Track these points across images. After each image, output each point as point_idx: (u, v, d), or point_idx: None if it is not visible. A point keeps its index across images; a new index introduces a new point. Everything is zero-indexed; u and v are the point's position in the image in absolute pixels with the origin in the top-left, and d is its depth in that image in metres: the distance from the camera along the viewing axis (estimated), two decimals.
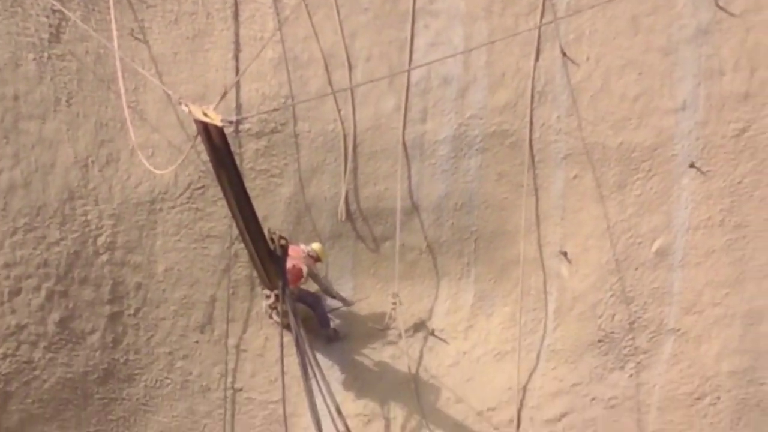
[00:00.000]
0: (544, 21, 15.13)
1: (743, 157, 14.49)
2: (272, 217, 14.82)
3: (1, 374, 14.24)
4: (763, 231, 14.41)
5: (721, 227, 14.50)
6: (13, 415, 14.25)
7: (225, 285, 14.73)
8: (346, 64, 15.12)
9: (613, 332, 14.50)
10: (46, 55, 14.75)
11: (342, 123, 15.06)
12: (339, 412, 13.70)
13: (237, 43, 15.31)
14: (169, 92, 14.23)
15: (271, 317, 14.52)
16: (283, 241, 13.68)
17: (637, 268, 14.61)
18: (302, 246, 14.57)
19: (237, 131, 15.02)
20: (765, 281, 14.35)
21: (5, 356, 14.14)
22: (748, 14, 14.97)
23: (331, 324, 14.75)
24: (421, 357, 15.02)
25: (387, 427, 14.64)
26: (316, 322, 14.63)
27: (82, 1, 14.88)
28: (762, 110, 14.69)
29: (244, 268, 14.73)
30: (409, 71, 15.17)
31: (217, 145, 13.07)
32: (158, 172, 14.58)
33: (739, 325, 14.35)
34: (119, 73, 14.61)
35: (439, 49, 15.17)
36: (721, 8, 14.91)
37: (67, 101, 14.70)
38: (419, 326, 15.03)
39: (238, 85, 15.11)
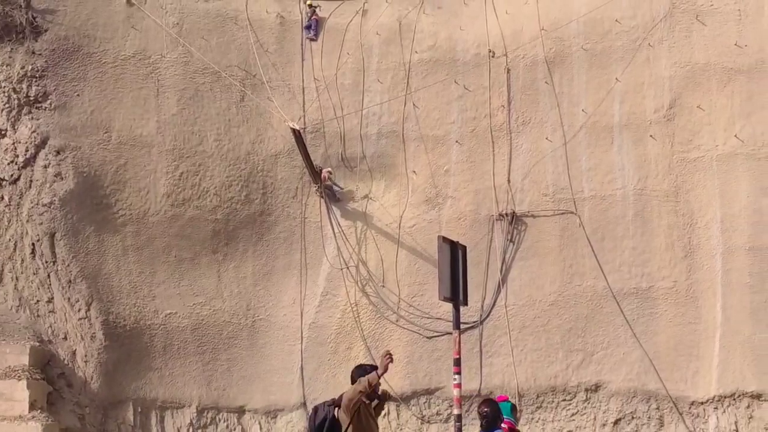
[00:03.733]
0: (405, 94, 26.13)
1: (473, 140, 26.12)
2: (316, 160, 26.04)
3: (218, 215, 26.27)
4: (484, 162, 25.63)
5: (467, 162, 25.96)
6: (225, 225, 26.37)
7: (301, 183, 26.43)
8: (341, 113, 26.25)
9: (430, 198, 26.05)
10: (236, 109, 27.19)
11: (341, 130, 26.29)
12: (339, 224, 25.91)
13: (303, 106, 26.81)
14: (285, 119, 25.51)
15: (317, 193, 25.94)
16: (320, 168, 25.71)
17: (444, 170, 25.94)
18: (325, 169, 25.54)
19: (304, 131, 25.67)
20: (486, 176, 25.51)
21: (221, 208, 26.40)
22: (478, 90, 26.67)
23: (337, 195, 25.73)
24: (367, 204, 26.32)
25: (355, 231, 25.91)
26: (331, 194, 25.68)
27: (249, 86, 26.98)
28: (481, 122, 26.00)
29: (307, 177, 26.04)
30: (361, 111, 26.06)
31: (298, 136, 24.73)
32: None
33: (472, 194, 25.96)
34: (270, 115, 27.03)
35: (371, 103, 26.45)
36: (465, 88, 26.06)
37: (245, 126, 26.95)
38: (366, 196, 26.44)
39: (303, 118, 26.27)
